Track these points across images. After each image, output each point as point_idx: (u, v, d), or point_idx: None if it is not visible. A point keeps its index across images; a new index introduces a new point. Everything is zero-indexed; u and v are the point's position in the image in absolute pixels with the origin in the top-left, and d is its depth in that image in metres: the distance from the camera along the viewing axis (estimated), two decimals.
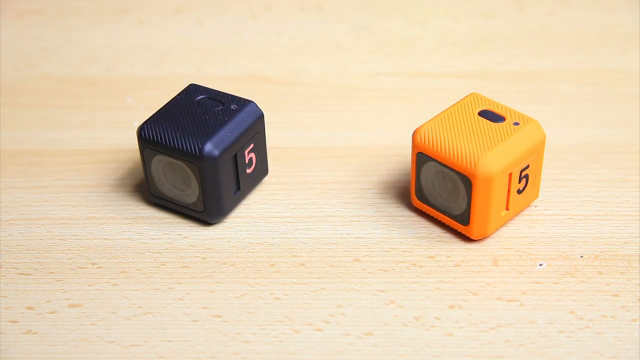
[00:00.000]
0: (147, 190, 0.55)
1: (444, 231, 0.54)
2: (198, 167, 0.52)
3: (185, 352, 0.48)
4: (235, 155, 0.54)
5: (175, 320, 0.50)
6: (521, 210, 0.55)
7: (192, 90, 0.56)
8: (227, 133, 0.53)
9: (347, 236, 0.54)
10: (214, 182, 0.53)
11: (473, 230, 0.52)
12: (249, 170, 0.55)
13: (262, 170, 0.57)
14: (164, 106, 0.55)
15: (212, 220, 0.55)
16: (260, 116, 0.55)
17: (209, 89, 0.56)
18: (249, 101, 0.55)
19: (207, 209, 0.54)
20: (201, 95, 0.55)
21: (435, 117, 0.53)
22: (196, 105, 0.55)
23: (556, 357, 0.47)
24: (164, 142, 0.52)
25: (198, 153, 0.52)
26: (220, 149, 0.52)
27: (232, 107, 0.54)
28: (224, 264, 0.53)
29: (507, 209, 0.53)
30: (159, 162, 0.54)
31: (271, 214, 0.56)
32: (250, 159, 0.55)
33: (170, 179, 0.54)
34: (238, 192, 0.55)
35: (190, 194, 0.54)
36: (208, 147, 0.52)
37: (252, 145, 0.55)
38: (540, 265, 0.52)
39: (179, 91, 0.56)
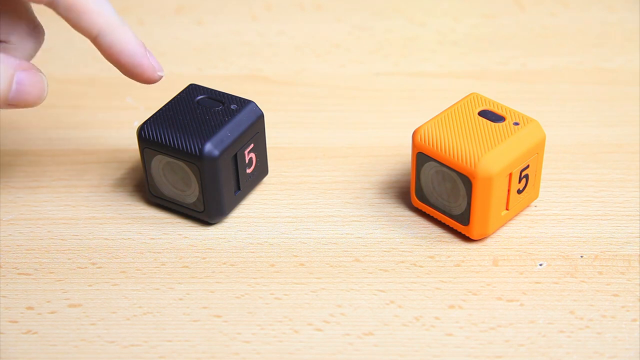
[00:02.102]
0: (147, 190, 0.55)
1: (444, 231, 0.54)
2: (198, 167, 0.52)
3: (185, 352, 0.48)
4: (235, 155, 0.54)
5: (175, 320, 0.50)
6: (521, 210, 0.55)
7: (192, 90, 0.56)
8: (227, 133, 0.53)
9: (347, 236, 0.54)
10: (214, 182, 0.53)
11: (473, 230, 0.52)
12: (249, 170, 0.55)
13: (262, 170, 0.57)
14: (164, 106, 0.55)
15: (212, 220, 0.55)
16: (260, 116, 0.55)
17: (209, 89, 0.56)
18: (249, 101, 0.55)
19: (207, 209, 0.54)
20: (201, 95, 0.55)
21: (435, 117, 0.53)
22: (196, 105, 0.54)
23: (556, 357, 0.47)
24: (164, 142, 0.52)
25: (198, 153, 0.52)
26: (220, 149, 0.52)
27: (232, 107, 0.54)
28: (224, 264, 0.53)
29: (507, 209, 0.53)
30: (159, 162, 0.54)
31: (271, 214, 0.56)
32: (250, 159, 0.55)
33: (170, 179, 0.54)
34: (238, 192, 0.55)
35: (190, 194, 0.54)
36: (208, 147, 0.52)
37: (252, 145, 0.55)
38: (540, 265, 0.52)
39: (179, 91, 0.56)
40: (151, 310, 0.50)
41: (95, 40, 0.51)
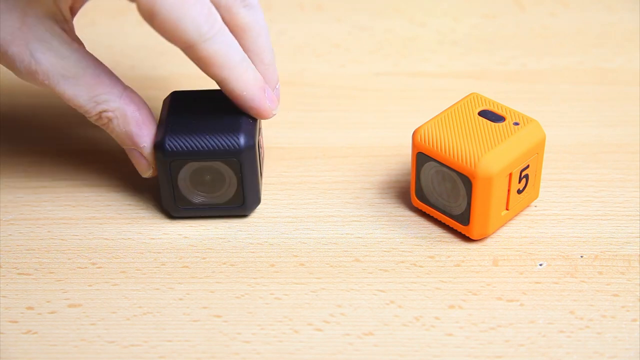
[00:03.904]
0: (172, 205, 0.54)
1: (444, 231, 0.54)
2: (238, 161, 0.52)
3: (185, 352, 0.48)
4: (257, 143, 0.54)
5: (175, 320, 0.50)
6: (521, 210, 0.55)
7: (177, 96, 0.55)
8: (249, 122, 0.53)
9: (347, 236, 0.54)
10: (252, 172, 0.53)
11: (473, 230, 0.52)
12: (261, 156, 0.56)
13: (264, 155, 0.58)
14: (168, 117, 0.54)
15: (250, 211, 0.55)
16: None
17: (191, 90, 0.56)
18: None
19: (246, 201, 0.54)
20: (187, 98, 0.55)
21: (435, 117, 0.53)
22: (197, 106, 0.54)
23: (556, 357, 0.47)
24: (195, 149, 0.52)
25: (237, 147, 0.51)
26: (252, 140, 0.52)
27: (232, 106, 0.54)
28: (224, 264, 0.53)
29: (507, 209, 0.53)
30: (187, 170, 0.53)
31: (271, 214, 0.56)
32: (261, 146, 0.56)
33: (197, 185, 0.53)
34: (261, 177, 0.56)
35: (223, 194, 0.53)
36: (242, 139, 0.52)
37: (262, 133, 0.56)
38: (540, 265, 0.52)
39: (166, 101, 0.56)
40: (151, 310, 0.50)
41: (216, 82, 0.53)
